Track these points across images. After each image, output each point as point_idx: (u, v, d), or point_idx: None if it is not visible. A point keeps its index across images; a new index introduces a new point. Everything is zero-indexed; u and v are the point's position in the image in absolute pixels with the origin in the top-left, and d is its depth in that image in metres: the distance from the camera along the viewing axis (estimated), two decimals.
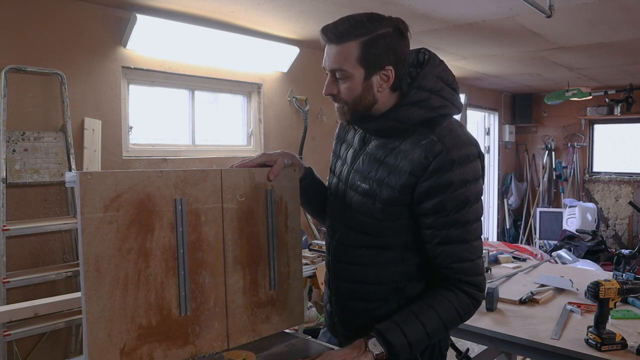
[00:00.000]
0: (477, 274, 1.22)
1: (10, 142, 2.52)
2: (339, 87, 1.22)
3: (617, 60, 4.56)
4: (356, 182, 1.29)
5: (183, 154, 3.41)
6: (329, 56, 1.22)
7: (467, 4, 2.90)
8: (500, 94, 6.99)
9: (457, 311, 1.20)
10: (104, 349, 1.03)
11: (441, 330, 1.20)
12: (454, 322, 1.21)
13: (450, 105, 1.25)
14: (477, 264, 1.22)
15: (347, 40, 1.18)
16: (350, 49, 1.18)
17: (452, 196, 1.16)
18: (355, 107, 1.23)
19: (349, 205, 1.30)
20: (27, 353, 2.62)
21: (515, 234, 7.26)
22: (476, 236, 1.22)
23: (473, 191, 1.19)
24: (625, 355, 1.68)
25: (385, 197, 1.22)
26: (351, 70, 1.19)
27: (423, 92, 1.23)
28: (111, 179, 1.03)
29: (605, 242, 4.08)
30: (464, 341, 2.36)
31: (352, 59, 1.18)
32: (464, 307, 1.21)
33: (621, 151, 6.72)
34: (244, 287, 1.27)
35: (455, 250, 1.19)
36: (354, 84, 1.20)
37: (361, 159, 1.31)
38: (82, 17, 2.80)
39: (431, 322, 1.18)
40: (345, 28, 1.18)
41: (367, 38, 1.17)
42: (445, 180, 1.16)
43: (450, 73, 1.29)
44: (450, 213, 1.17)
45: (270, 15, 3.08)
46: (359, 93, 1.21)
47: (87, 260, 1.00)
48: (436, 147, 1.17)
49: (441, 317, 1.19)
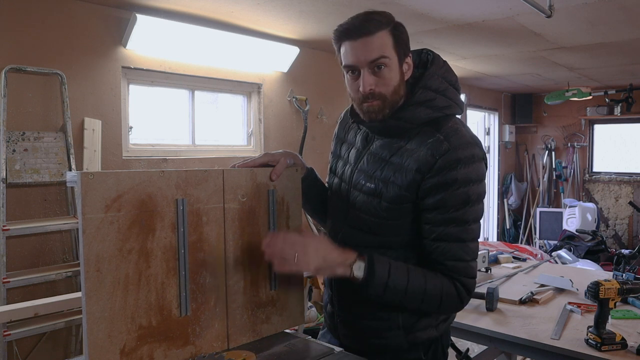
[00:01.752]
0: (469, 276, 1.22)
1: (10, 142, 2.52)
2: (377, 81, 1.21)
3: (617, 60, 4.57)
4: (361, 182, 1.29)
5: (183, 154, 3.41)
6: (361, 49, 1.19)
7: (467, 4, 2.90)
8: (500, 94, 6.99)
9: (441, 294, 1.20)
10: (104, 349, 1.03)
11: (418, 298, 1.19)
12: (433, 301, 1.20)
13: (454, 105, 1.26)
14: (470, 266, 1.22)
15: (380, 28, 1.18)
16: (385, 36, 1.19)
17: (454, 194, 1.17)
18: (393, 100, 1.23)
19: (352, 204, 1.30)
20: (27, 353, 2.62)
21: (515, 234, 7.26)
22: (473, 237, 1.22)
23: (475, 191, 1.19)
24: (625, 355, 1.68)
25: (391, 196, 1.22)
26: (392, 57, 1.20)
27: (429, 92, 1.24)
28: (112, 179, 1.03)
29: (605, 242, 4.09)
30: (464, 341, 2.36)
31: (389, 45, 1.19)
32: (449, 297, 1.20)
33: (621, 151, 6.72)
34: (245, 288, 1.27)
35: (450, 247, 1.19)
36: (394, 72, 1.21)
37: (365, 158, 1.30)
38: (82, 17, 2.80)
39: (416, 284, 1.18)
40: (373, 18, 1.19)
41: (392, 26, 1.20)
42: (449, 178, 1.16)
43: (453, 73, 1.30)
44: (450, 210, 1.18)
45: (270, 15, 3.08)
46: (397, 82, 1.22)
47: (88, 260, 1.00)
48: (442, 145, 1.18)
49: (427, 286, 1.18)
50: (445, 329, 1.36)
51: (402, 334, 1.28)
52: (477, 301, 2.18)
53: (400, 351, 1.29)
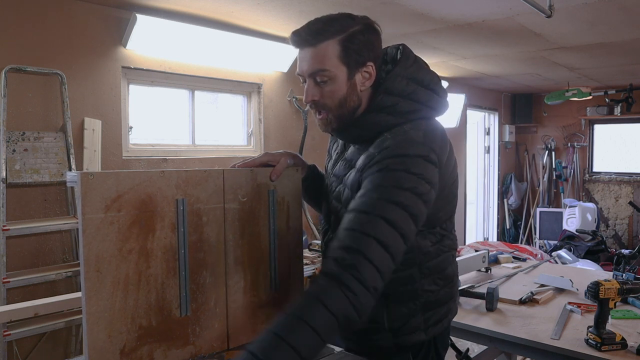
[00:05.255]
0: (358, 251, 0.99)
1: (10, 142, 2.52)
2: (322, 92, 1.16)
3: (617, 60, 4.56)
4: (332, 187, 1.30)
5: (183, 154, 3.41)
6: (306, 60, 1.16)
7: (467, 4, 2.90)
8: (500, 94, 6.99)
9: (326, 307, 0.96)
10: (104, 349, 1.03)
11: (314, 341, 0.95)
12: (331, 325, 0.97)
13: (424, 108, 1.18)
14: (364, 241, 1.00)
15: (325, 39, 1.13)
16: (330, 47, 1.13)
17: (382, 174, 1.07)
18: (341, 112, 1.17)
19: (330, 208, 1.31)
20: (27, 353, 2.61)
21: (515, 234, 7.26)
22: (390, 219, 1.03)
23: (411, 181, 1.06)
24: (625, 355, 1.68)
25: (344, 198, 1.21)
26: (334, 70, 1.13)
27: (390, 96, 1.16)
28: (112, 179, 1.03)
29: (605, 242, 4.09)
30: (464, 341, 2.36)
31: (333, 58, 1.13)
32: (325, 294, 0.98)
33: (621, 151, 6.72)
34: (245, 288, 1.27)
35: (356, 217, 1.03)
36: (338, 85, 1.15)
37: (339, 164, 1.30)
38: (82, 17, 2.80)
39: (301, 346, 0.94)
40: (319, 27, 1.14)
41: (344, 35, 1.13)
42: (381, 164, 1.09)
43: (426, 72, 1.21)
44: (375, 183, 1.06)
45: (270, 15, 3.08)
46: (343, 94, 1.15)
47: (88, 260, 1.00)
48: (385, 142, 1.12)
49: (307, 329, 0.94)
50: (438, 333, 1.30)
51: (390, 337, 1.25)
52: (477, 301, 2.18)
53: (389, 353, 1.27)
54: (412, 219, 1.06)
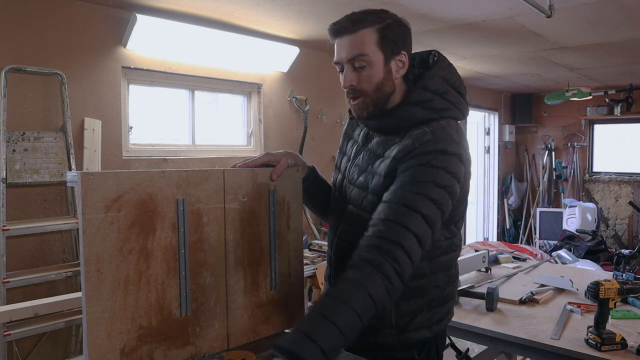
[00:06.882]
0: (397, 243, 1.07)
1: (10, 142, 2.52)
2: (359, 77, 1.22)
3: (617, 60, 4.57)
4: (354, 176, 1.30)
5: (183, 154, 3.41)
6: (345, 47, 1.22)
7: (467, 4, 2.90)
8: (500, 94, 6.99)
9: (370, 295, 1.04)
10: (104, 349, 1.03)
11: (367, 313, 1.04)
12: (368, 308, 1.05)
13: (454, 108, 1.25)
14: (409, 237, 1.08)
15: (363, 27, 1.20)
16: (368, 34, 1.20)
17: (422, 170, 1.14)
18: (377, 97, 1.23)
19: (348, 200, 1.31)
20: (27, 353, 2.62)
21: (515, 234, 7.26)
22: (426, 213, 1.11)
23: (445, 180, 1.15)
24: (625, 355, 1.68)
25: (373, 186, 1.23)
26: (372, 55, 1.20)
27: (427, 92, 1.23)
28: (113, 179, 1.03)
29: (605, 242, 4.09)
30: (464, 341, 2.35)
31: (371, 44, 1.20)
32: (376, 287, 1.05)
33: (621, 151, 6.72)
34: (245, 288, 1.27)
35: (396, 209, 1.10)
36: (375, 70, 1.21)
37: (362, 155, 1.32)
38: (82, 17, 2.80)
39: (347, 321, 1.01)
40: (358, 17, 1.21)
41: (382, 25, 1.20)
42: (422, 159, 1.16)
43: (458, 77, 1.29)
44: (413, 177, 1.14)
45: (270, 15, 3.08)
46: (380, 79, 1.22)
47: (88, 260, 1.00)
48: (426, 136, 1.19)
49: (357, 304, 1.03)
50: (440, 331, 1.34)
51: (395, 334, 1.27)
52: (477, 301, 2.18)
53: (393, 350, 1.29)
54: (442, 217, 1.15)
